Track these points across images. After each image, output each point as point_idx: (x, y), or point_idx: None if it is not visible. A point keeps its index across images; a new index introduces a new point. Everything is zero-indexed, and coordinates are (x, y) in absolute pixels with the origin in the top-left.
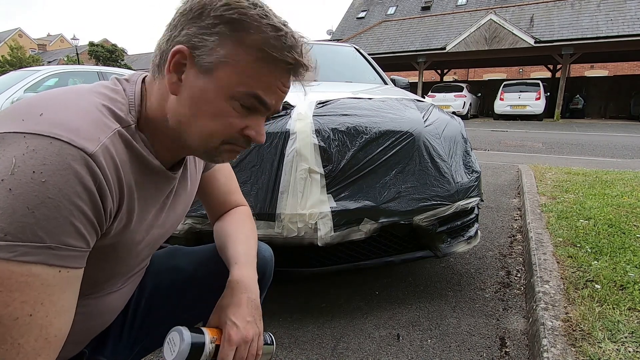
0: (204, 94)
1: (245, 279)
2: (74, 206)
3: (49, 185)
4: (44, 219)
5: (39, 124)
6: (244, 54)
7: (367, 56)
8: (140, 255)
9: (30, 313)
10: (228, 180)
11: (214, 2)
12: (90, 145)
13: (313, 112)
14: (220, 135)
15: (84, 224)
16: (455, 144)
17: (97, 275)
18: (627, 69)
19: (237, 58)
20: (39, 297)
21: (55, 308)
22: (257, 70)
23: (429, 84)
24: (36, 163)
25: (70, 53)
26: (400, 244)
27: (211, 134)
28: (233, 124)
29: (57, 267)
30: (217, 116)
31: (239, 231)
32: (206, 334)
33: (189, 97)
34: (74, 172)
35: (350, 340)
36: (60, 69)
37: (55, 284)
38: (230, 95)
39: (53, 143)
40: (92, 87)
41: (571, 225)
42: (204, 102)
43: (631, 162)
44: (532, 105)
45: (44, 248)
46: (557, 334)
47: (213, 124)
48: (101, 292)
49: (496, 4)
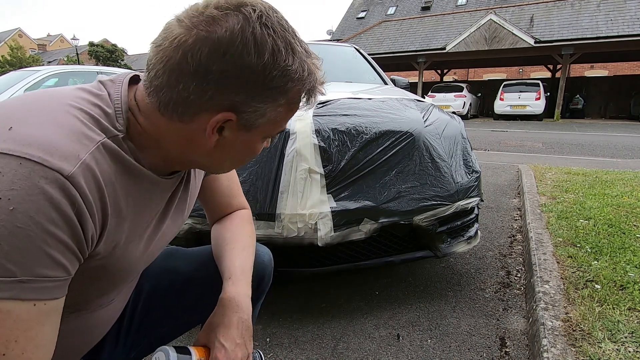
0: (244, 144)
1: (237, 297)
2: (48, 234)
3: (18, 214)
4: (14, 251)
5: (6, 141)
6: (285, 107)
7: (367, 56)
8: (136, 269)
9: (4, 352)
10: (230, 182)
11: (267, 71)
12: (67, 165)
13: (313, 112)
14: (249, 161)
15: (62, 252)
16: (455, 144)
17: (89, 292)
18: (627, 69)
19: (280, 112)
20: (12, 334)
21: (33, 343)
22: (291, 113)
23: (429, 84)
24: (3, 187)
25: (70, 53)
26: (400, 244)
27: (242, 162)
28: (260, 149)
29: (31, 300)
30: (251, 152)
31: (236, 239)
32: (193, 354)
33: (230, 149)
34: (47, 197)
35: (350, 340)
36: (60, 69)
37: (30, 319)
38: (265, 136)
39: (23, 164)
40: (71, 91)
41: (571, 225)
42: (243, 149)
43: (631, 162)
44: (532, 105)
45: (15, 282)
46: (557, 334)
47: (246, 157)
48: (93, 307)
49: (496, 4)
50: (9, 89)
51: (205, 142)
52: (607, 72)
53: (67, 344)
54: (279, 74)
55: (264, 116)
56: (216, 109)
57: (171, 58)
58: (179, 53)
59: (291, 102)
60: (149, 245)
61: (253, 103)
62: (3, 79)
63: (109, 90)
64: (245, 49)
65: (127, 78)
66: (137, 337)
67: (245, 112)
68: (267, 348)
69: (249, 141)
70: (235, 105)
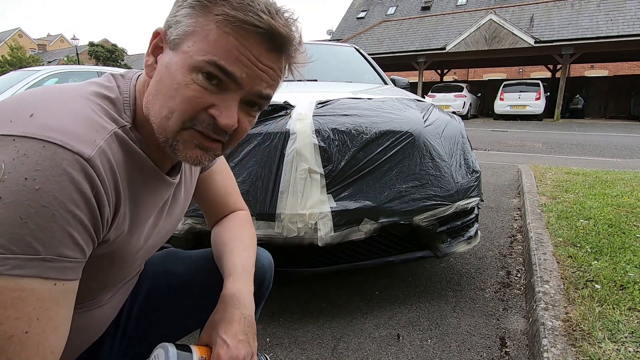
0: (169, 67)
1: (239, 294)
2: (71, 215)
3: (43, 193)
4: (39, 230)
5: (29, 126)
6: (210, 23)
7: (367, 56)
8: (135, 263)
9: (26, 330)
10: (226, 182)
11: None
12: (87, 148)
13: (313, 112)
14: (178, 114)
15: (81, 234)
16: (455, 143)
17: (90, 286)
18: (627, 69)
19: (202, 26)
20: (34, 312)
21: (51, 323)
22: (223, 37)
23: (429, 84)
24: (28, 169)
25: (70, 53)
26: (400, 244)
27: (169, 111)
28: (192, 97)
29: (52, 280)
30: (176, 90)
31: (236, 240)
32: (194, 352)
33: (156, 75)
34: (69, 178)
35: (350, 340)
36: (60, 69)
37: (51, 298)
38: (193, 66)
39: (46, 147)
40: (85, 84)
41: (571, 225)
42: (167, 77)
43: (631, 162)
44: (532, 105)
45: (39, 260)
46: (557, 334)
47: (171, 101)
48: (89, 306)
49: (496, 4)
50: (9, 89)
51: (145, 67)
52: (607, 72)
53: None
54: None
55: (180, 24)
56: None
57: None
58: None
59: (216, 13)
60: (149, 238)
61: (176, 13)
62: (3, 79)
63: (118, 83)
64: None
65: (136, 74)
66: (134, 338)
67: (171, 26)
68: (267, 348)
69: (172, 62)
70: (167, 21)
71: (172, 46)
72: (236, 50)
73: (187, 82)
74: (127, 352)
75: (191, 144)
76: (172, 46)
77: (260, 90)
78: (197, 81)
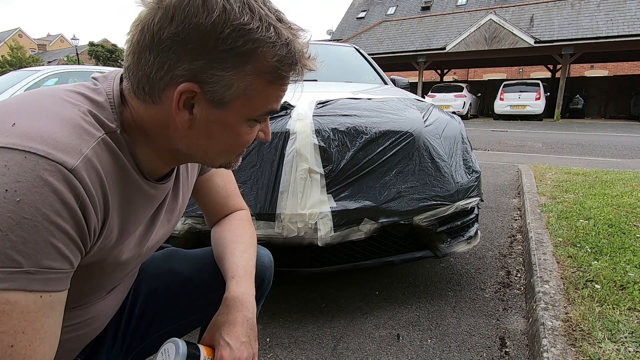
0: (223, 125)
1: (242, 296)
2: (54, 226)
3: (25, 205)
4: (20, 242)
5: (10, 136)
6: (259, 80)
7: (367, 56)
8: (128, 267)
9: (12, 344)
10: (226, 183)
11: (218, 30)
12: (70, 159)
13: (313, 112)
14: (239, 151)
15: (67, 244)
16: (455, 144)
17: (82, 290)
18: (627, 69)
19: (253, 86)
20: (19, 325)
21: (38, 335)
22: (272, 90)
23: (429, 84)
24: (9, 180)
25: (70, 53)
26: (400, 244)
27: (231, 152)
28: (250, 138)
29: (37, 292)
30: (236, 138)
31: (237, 240)
32: (202, 351)
33: (205, 129)
34: (52, 189)
35: (350, 340)
36: (60, 69)
37: (37, 310)
38: (248, 119)
39: (27, 157)
40: (69, 88)
41: (571, 225)
42: (223, 132)
43: (631, 162)
44: (532, 105)
45: (22, 273)
46: (557, 334)
47: (233, 145)
48: (87, 303)
49: (496, 4)
50: (9, 89)
51: (179, 123)
52: (607, 72)
53: (65, 336)
54: (232, 32)
55: (231, 87)
56: (178, 81)
57: (134, 37)
58: (139, 29)
59: (265, 72)
60: (141, 244)
61: (213, 71)
62: (3, 79)
63: (102, 85)
64: (192, 9)
65: (118, 74)
66: (135, 338)
67: (208, 83)
68: (267, 348)
69: (226, 122)
70: (196, 74)
71: (216, 104)
72: (281, 94)
73: (245, 130)
74: (129, 350)
75: (239, 157)
76: (216, 104)
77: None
78: (251, 125)
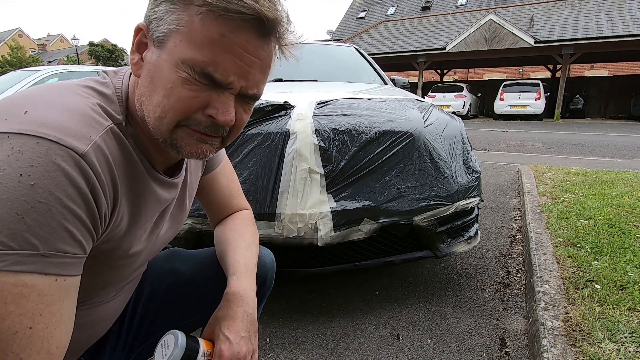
0: (157, 66)
1: (242, 291)
2: (67, 210)
3: (39, 189)
4: (36, 225)
5: (23, 123)
6: (192, 16)
7: (367, 56)
8: (137, 262)
9: (30, 326)
10: (230, 183)
11: None
12: (81, 144)
13: (313, 112)
14: (173, 114)
15: (79, 229)
16: (455, 144)
17: (90, 285)
18: (627, 69)
19: (186, 21)
20: (36, 308)
21: (55, 318)
22: (207, 30)
23: (429, 84)
24: (23, 165)
25: (70, 53)
26: (400, 244)
27: (163, 111)
28: (187, 97)
29: (53, 275)
30: (168, 90)
31: (239, 239)
32: (201, 345)
33: (146, 73)
34: (64, 173)
35: (350, 340)
36: (60, 69)
37: (52, 294)
38: (181, 63)
39: (40, 143)
40: (80, 81)
41: (571, 225)
42: (157, 76)
43: (631, 162)
44: (532, 105)
45: (38, 256)
46: (557, 334)
47: (165, 100)
48: (94, 302)
49: (496, 4)
50: (9, 89)
51: (132, 67)
52: (607, 72)
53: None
54: None
55: (165, 21)
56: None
57: None
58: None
59: (201, 13)
60: (151, 237)
61: (155, 8)
62: (3, 79)
63: (112, 80)
64: None
65: (129, 71)
66: (138, 338)
67: (152, 21)
68: (267, 348)
69: (161, 62)
70: (146, 16)
71: (157, 43)
72: (224, 45)
73: (177, 81)
74: (131, 350)
75: (192, 140)
76: (157, 43)
77: (254, 80)
78: (189, 81)
